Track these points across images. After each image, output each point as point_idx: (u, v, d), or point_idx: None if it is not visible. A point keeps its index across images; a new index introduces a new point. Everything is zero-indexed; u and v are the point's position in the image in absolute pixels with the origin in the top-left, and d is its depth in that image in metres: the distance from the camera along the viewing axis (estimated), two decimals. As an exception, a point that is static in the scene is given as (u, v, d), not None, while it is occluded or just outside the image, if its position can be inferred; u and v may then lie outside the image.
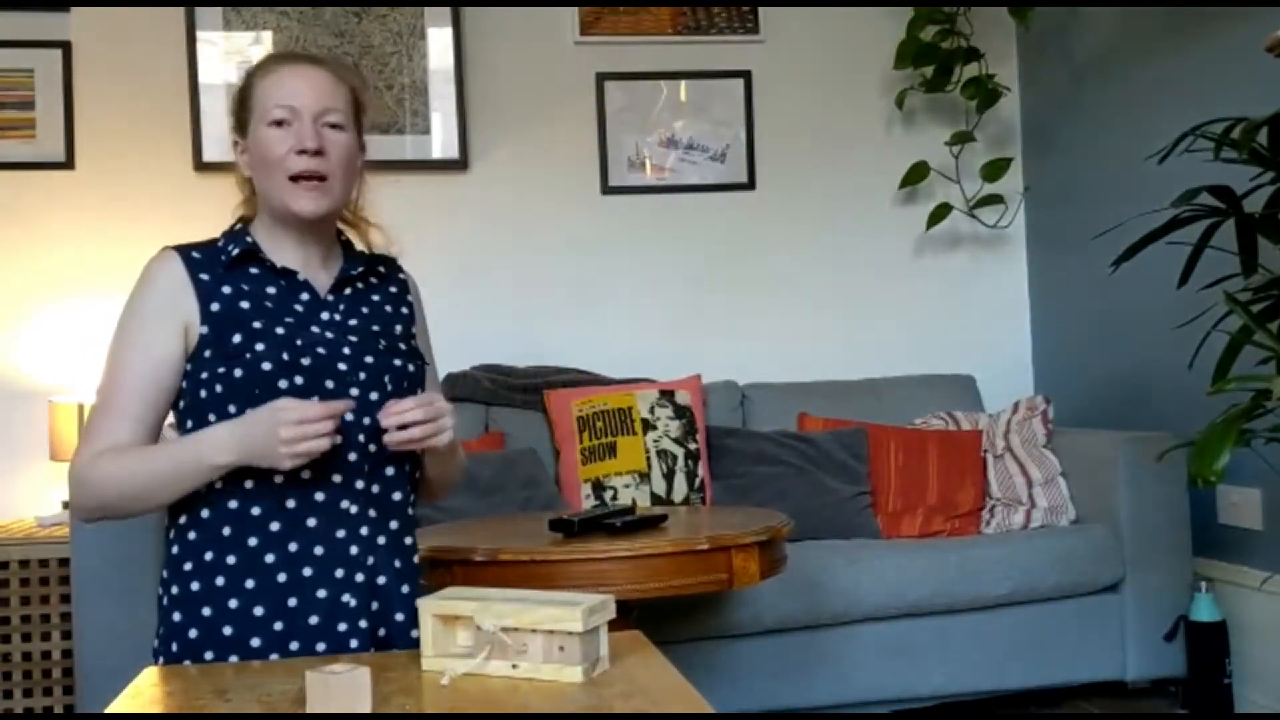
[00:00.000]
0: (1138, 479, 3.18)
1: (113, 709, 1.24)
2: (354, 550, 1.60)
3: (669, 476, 3.37)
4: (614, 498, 3.32)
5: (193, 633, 1.57)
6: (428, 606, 1.34)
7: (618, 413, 3.42)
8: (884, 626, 3.03)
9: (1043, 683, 3.13)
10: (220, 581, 1.57)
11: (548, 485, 3.30)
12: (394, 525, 1.65)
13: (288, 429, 1.46)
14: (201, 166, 3.61)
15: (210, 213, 1.79)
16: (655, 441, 3.39)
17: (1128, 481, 3.18)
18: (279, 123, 1.63)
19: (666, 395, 3.49)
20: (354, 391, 1.61)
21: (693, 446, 3.42)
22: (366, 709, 1.18)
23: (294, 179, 1.62)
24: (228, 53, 3.66)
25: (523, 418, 3.50)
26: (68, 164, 3.61)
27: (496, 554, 2.00)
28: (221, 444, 1.52)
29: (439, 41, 3.79)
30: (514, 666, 1.29)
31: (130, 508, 1.60)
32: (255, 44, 3.67)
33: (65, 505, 3.29)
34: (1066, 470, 3.38)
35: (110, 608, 2.63)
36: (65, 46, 3.60)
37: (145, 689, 1.32)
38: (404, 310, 1.77)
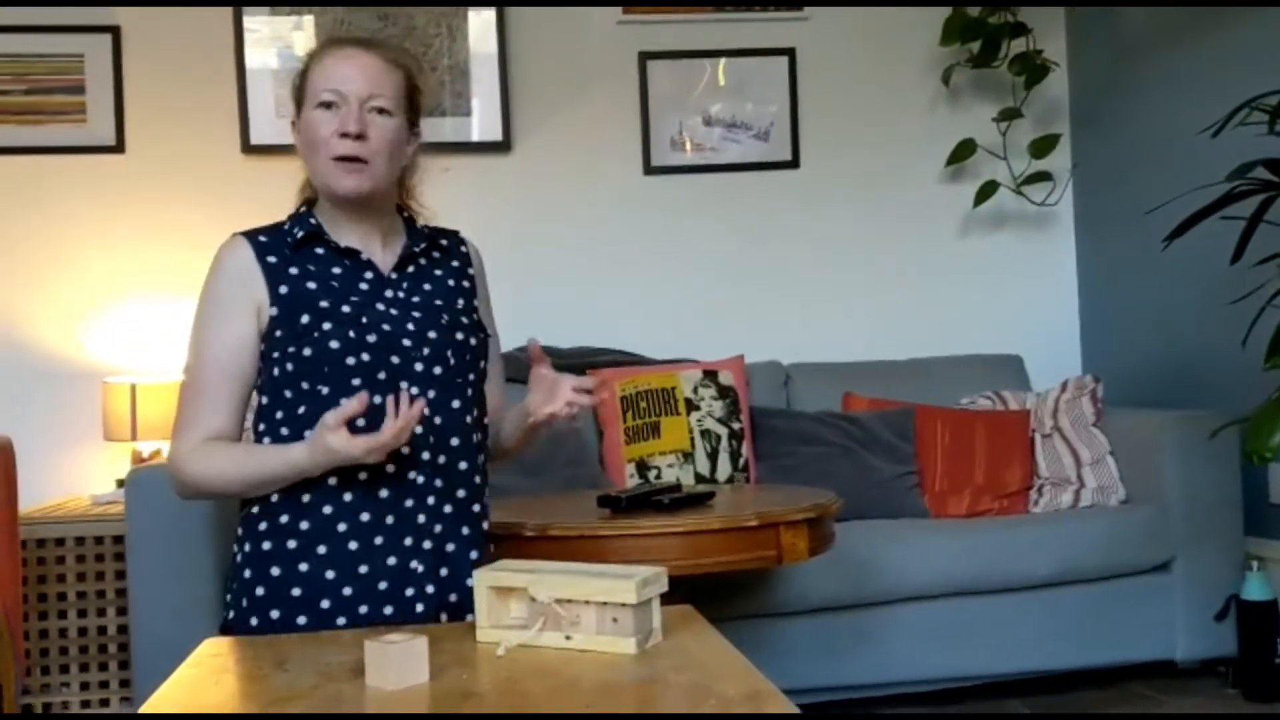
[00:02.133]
0: (1188, 458, 3.14)
1: (175, 678, 1.26)
2: (421, 519, 1.65)
3: (713, 456, 3.37)
4: (658, 477, 3.33)
5: (260, 590, 1.63)
6: (483, 578, 1.35)
7: (661, 393, 3.42)
8: (931, 606, 3.02)
9: (1091, 663, 3.11)
10: (292, 545, 1.63)
11: (592, 464, 3.31)
12: (461, 494, 1.70)
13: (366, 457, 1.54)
14: (249, 149, 3.64)
15: (258, 195, 1.83)
16: (699, 421, 3.39)
17: (1178, 461, 3.15)
18: (326, 105, 1.68)
19: (710, 375, 3.49)
20: (418, 366, 1.67)
21: (737, 426, 3.42)
22: (424, 679, 1.19)
23: (336, 160, 1.67)
24: (273, 36, 3.68)
25: (567, 398, 3.51)
26: (118, 148, 3.65)
27: (546, 529, 2.02)
28: (304, 469, 1.60)
29: (481, 23, 3.79)
30: (567, 638, 1.30)
31: (230, 496, 1.70)
32: (297, 29, 3.70)
33: (119, 484, 3.34)
34: (1115, 450, 3.34)
35: (165, 584, 2.67)
36: (114, 31, 3.64)
37: (206, 658, 1.34)
38: (465, 284, 1.82)
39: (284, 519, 1.64)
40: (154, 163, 3.67)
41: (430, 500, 1.66)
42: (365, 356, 1.64)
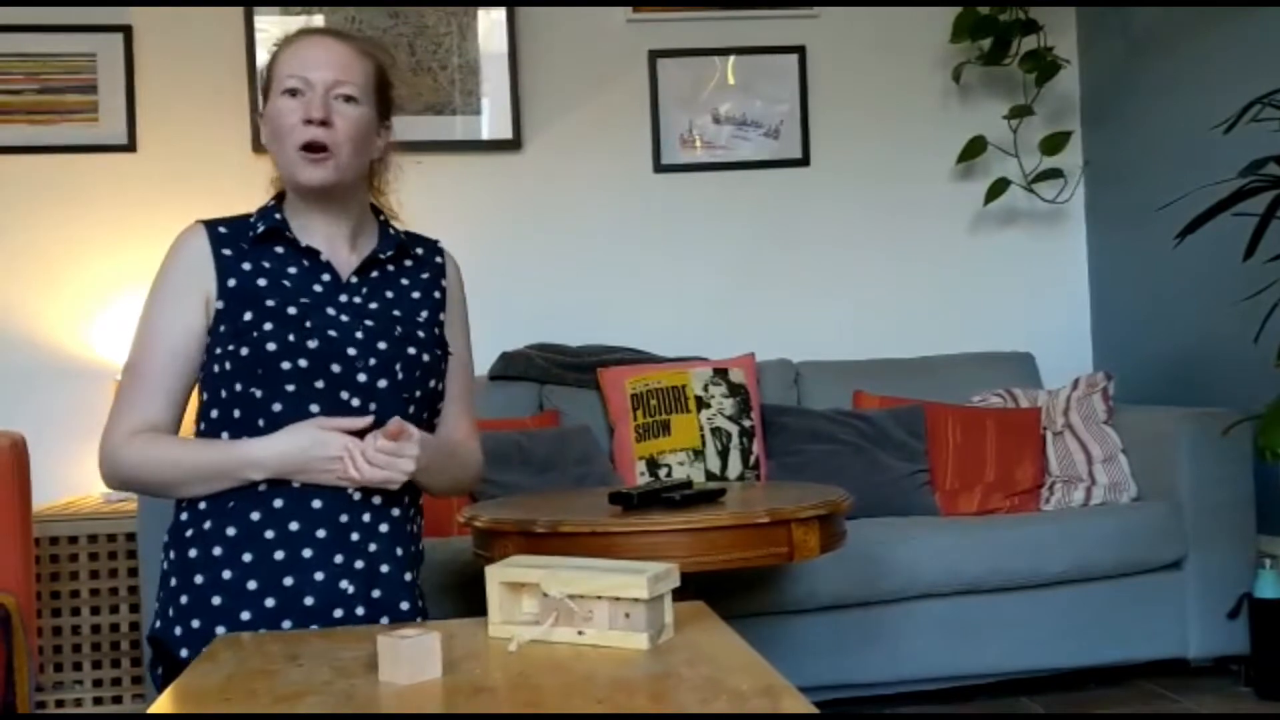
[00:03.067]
0: (1200, 455, 3.13)
1: (186, 674, 1.26)
2: (355, 536, 1.60)
3: (723, 454, 3.37)
4: (668, 475, 3.33)
5: (184, 599, 1.58)
6: (495, 574, 1.35)
7: (671, 390, 3.42)
8: (942, 603, 3.01)
9: (1103, 660, 3.10)
10: (217, 551, 1.58)
11: (602, 462, 3.31)
12: (396, 513, 1.65)
13: (348, 463, 1.50)
14: (260, 147, 3.61)
15: (269, 194, 1.81)
16: (709, 419, 3.39)
17: (1190, 458, 3.14)
18: (292, 92, 1.62)
19: (720, 373, 3.48)
20: (361, 378, 1.60)
21: (747, 424, 3.42)
22: (437, 674, 1.19)
23: (301, 149, 1.61)
24: (284, 35, 3.69)
25: (577, 396, 3.52)
26: (129, 147, 3.66)
27: (557, 526, 2.01)
28: (262, 465, 1.55)
29: (491, 21, 3.80)
30: (579, 633, 1.30)
31: (156, 493, 1.65)
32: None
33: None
34: (1127, 447, 3.34)
35: (176, 581, 2.67)
36: (126, 31, 3.65)
37: (217, 654, 1.35)
38: (435, 295, 1.75)
39: (208, 525, 1.59)
40: (166, 162, 3.68)
41: (366, 517, 1.60)
42: (302, 362, 1.57)
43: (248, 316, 1.59)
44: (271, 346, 1.57)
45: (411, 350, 1.65)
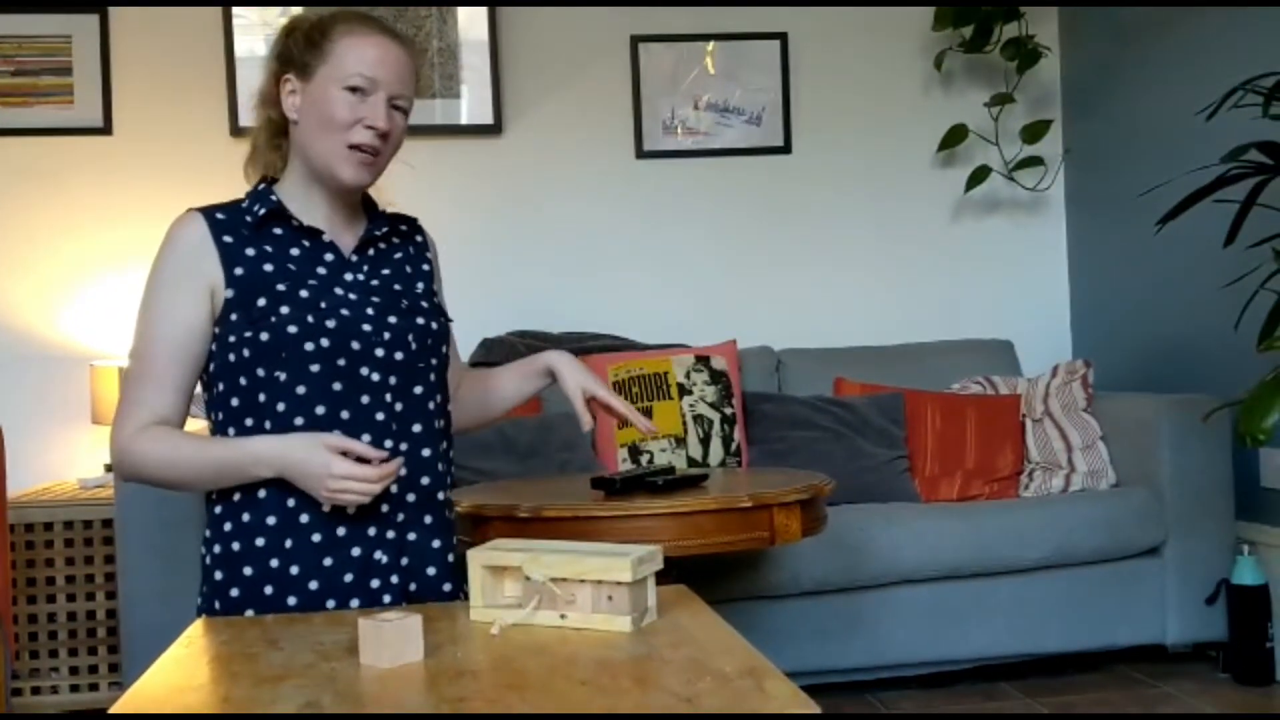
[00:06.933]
0: (1180, 442, 3.15)
1: (165, 657, 1.25)
2: (384, 507, 1.62)
3: (705, 441, 3.36)
4: (650, 462, 3.32)
5: (234, 591, 1.60)
6: (477, 558, 1.34)
7: (653, 377, 3.42)
8: (922, 589, 3.03)
9: (1082, 646, 3.12)
10: (260, 542, 1.59)
11: (584, 449, 3.30)
12: (425, 481, 1.67)
13: (335, 481, 1.50)
14: (237, 131, 3.61)
15: (241, 176, 1.79)
16: (691, 406, 3.39)
17: (1170, 444, 3.15)
18: (353, 89, 1.62)
19: (702, 360, 3.48)
20: (379, 352, 1.63)
21: (729, 411, 3.41)
22: (418, 657, 1.18)
23: (351, 147, 1.62)
24: (261, 23, 3.65)
25: (559, 382, 3.50)
26: (105, 130, 3.63)
27: (540, 511, 2.01)
28: (267, 462, 1.56)
29: (473, 5, 3.77)
30: (562, 617, 1.30)
31: (169, 488, 1.66)
32: (283, 16, 3.66)
33: (108, 468, 3.32)
34: (1107, 434, 3.35)
35: (154, 568, 2.66)
36: (102, 12, 3.61)
37: (197, 638, 1.33)
38: (425, 268, 1.79)
39: (247, 517, 1.60)
40: (142, 145, 3.65)
41: (393, 488, 1.62)
42: (324, 342, 1.59)
43: (261, 302, 1.60)
44: (293, 329, 1.58)
45: (420, 321, 1.68)
